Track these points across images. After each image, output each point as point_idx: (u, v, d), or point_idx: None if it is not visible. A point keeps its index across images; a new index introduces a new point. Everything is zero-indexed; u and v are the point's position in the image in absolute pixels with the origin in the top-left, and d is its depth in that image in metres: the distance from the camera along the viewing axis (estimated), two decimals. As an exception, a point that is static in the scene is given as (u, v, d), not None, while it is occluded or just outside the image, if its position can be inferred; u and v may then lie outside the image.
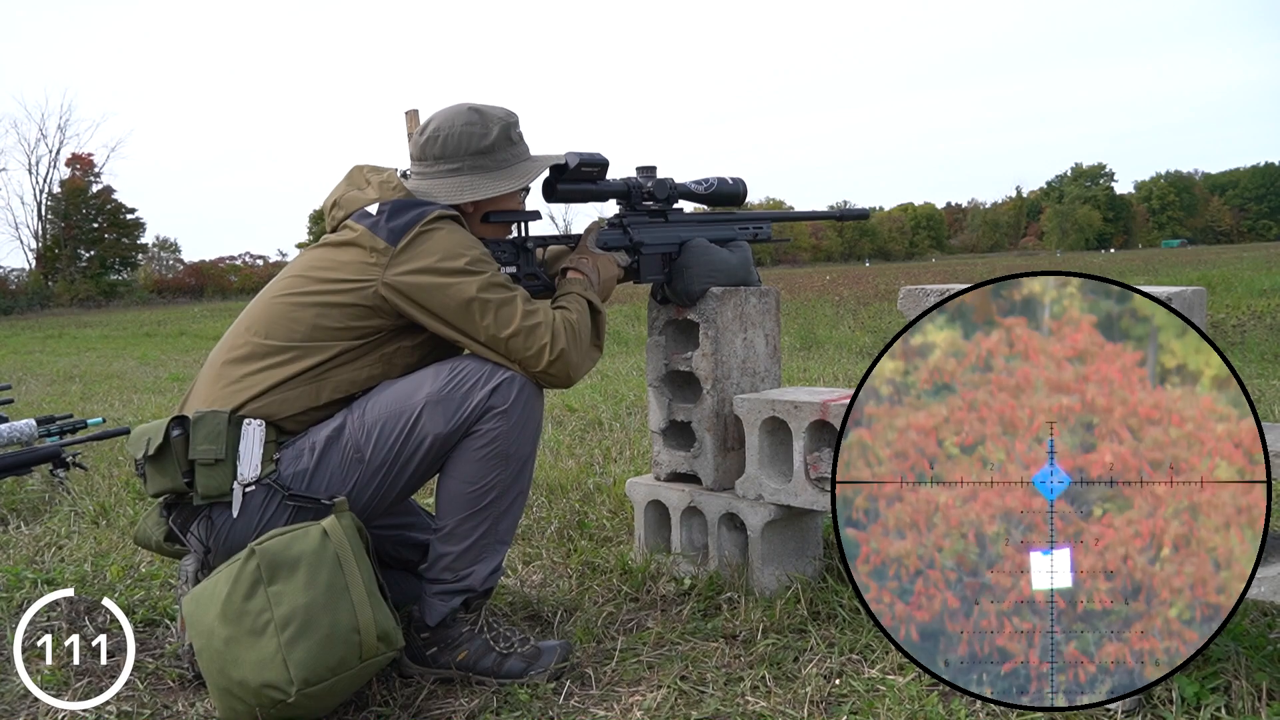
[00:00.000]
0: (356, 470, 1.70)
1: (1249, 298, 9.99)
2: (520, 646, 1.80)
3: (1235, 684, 1.59)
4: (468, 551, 1.75)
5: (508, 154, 1.89)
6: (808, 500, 2.06)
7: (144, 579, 2.41)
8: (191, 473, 1.67)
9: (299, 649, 1.52)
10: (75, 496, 3.31)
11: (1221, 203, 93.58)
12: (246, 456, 1.66)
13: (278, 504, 1.67)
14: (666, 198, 2.16)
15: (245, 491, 1.66)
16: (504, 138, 1.88)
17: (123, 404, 6.29)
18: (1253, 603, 1.87)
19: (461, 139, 1.85)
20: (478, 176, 1.86)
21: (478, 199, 1.86)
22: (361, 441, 1.70)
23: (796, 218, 2.59)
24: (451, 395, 1.71)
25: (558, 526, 2.71)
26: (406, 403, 1.71)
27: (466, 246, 1.76)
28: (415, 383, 1.73)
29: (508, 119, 1.89)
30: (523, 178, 1.90)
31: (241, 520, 1.66)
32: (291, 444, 1.71)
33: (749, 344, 2.28)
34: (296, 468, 1.69)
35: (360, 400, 1.75)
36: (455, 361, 1.76)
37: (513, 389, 1.73)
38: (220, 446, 1.65)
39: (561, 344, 1.76)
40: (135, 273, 52.24)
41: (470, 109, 1.87)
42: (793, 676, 1.76)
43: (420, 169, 1.88)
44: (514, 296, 1.76)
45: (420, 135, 1.88)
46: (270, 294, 1.81)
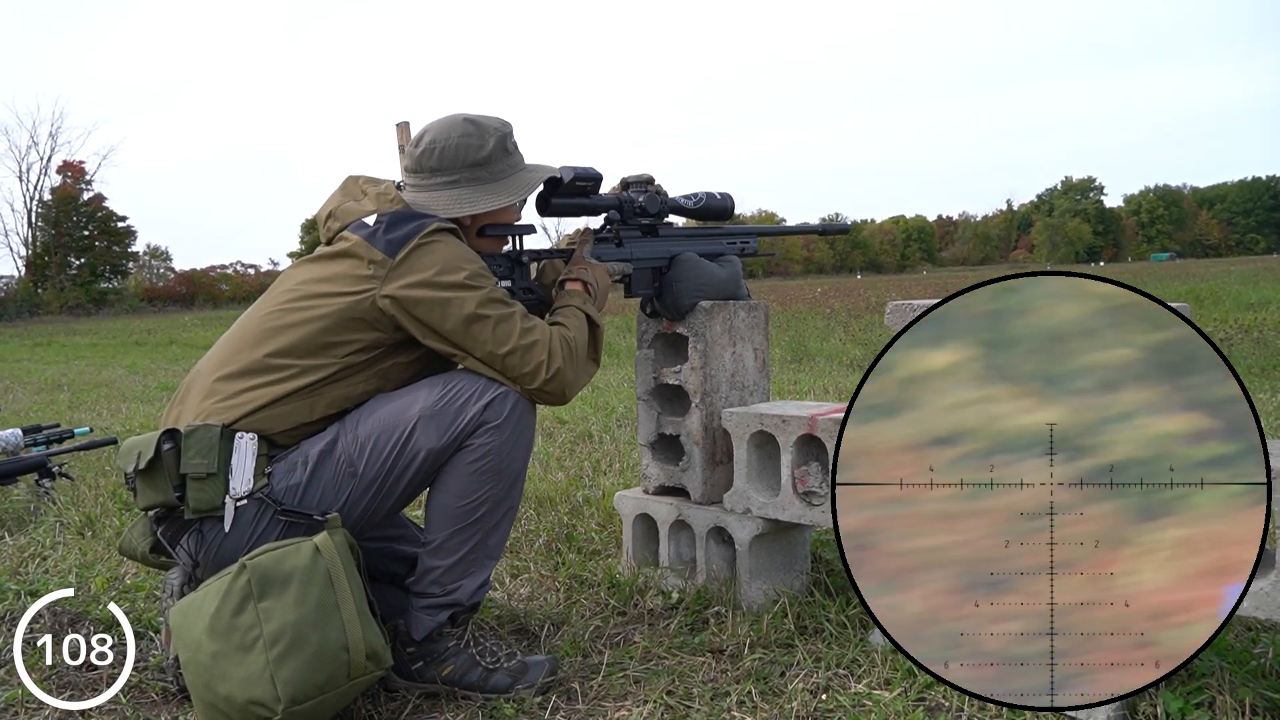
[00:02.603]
0: (349, 484, 1.70)
1: (1237, 311, 10.06)
2: (506, 661, 1.79)
3: (1219, 699, 1.60)
4: (456, 566, 1.75)
5: (504, 165, 1.88)
6: (795, 514, 2.06)
7: (129, 590, 2.39)
8: (183, 486, 1.65)
9: (287, 666, 1.51)
10: (61, 507, 3.29)
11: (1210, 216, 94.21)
12: (239, 470, 1.65)
13: (270, 518, 1.66)
14: (658, 212, 2.17)
15: (237, 506, 1.65)
16: (500, 149, 1.87)
17: (111, 413, 6.26)
18: (1238, 618, 1.87)
19: (458, 151, 1.84)
20: (475, 189, 1.85)
21: (476, 212, 1.85)
22: (354, 456, 1.70)
23: (781, 232, 2.62)
24: (445, 410, 1.70)
25: (546, 539, 2.70)
26: (400, 417, 1.70)
27: (465, 260, 1.75)
28: (409, 398, 1.73)
29: (503, 129, 1.89)
30: (520, 190, 1.90)
31: (233, 535, 1.65)
32: (284, 458, 1.70)
33: (738, 358, 2.28)
34: (289, 482, 1.68)
35: (354, 414, 1.74)
36: (449, 376, 1.76)
37: (506, 404, 1.73)
38: (212, 460, 1.64)
39: (558, 362, 1.75)
40: (126, 281, 52.06)
41: (466, 120, 1.86)
42: (779, 691, 1.76)
43: (416, 181, 1.87)
44: (512, 313, 1.75)
45: (415, 147, 1.87)
46: (265, 307, 1.79)
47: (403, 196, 1.85)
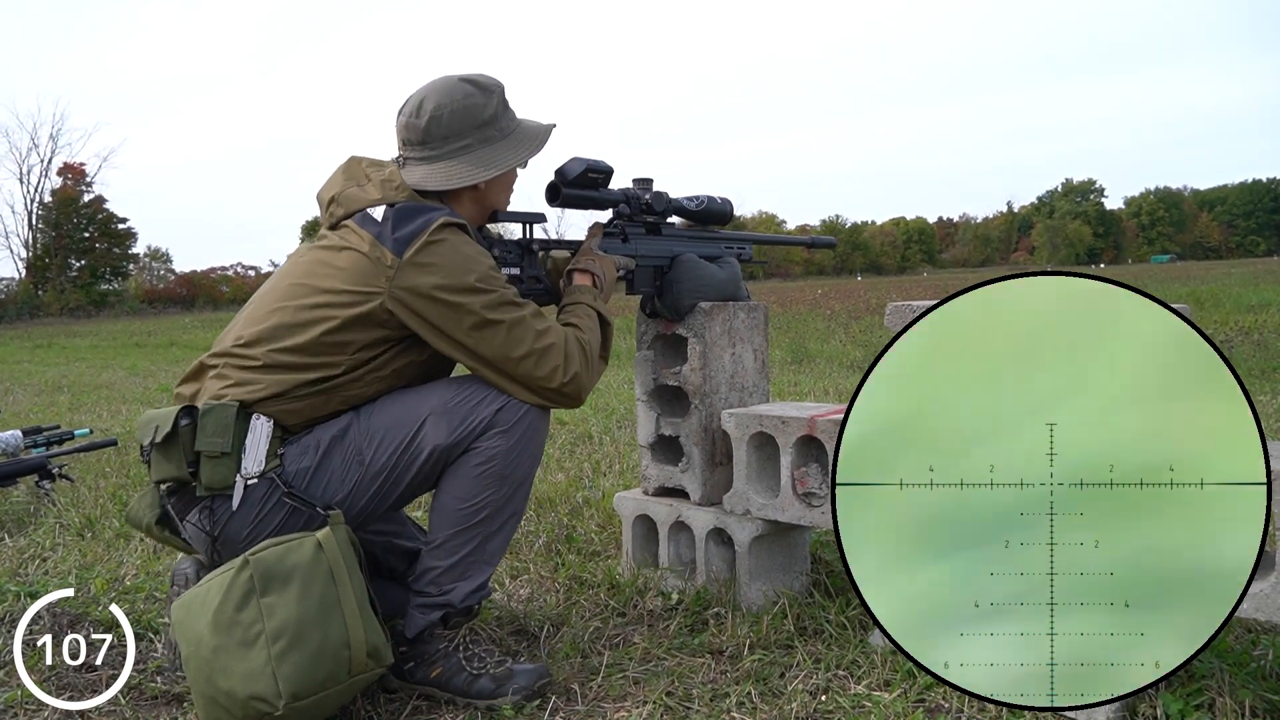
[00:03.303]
0: (356, 473, 1.70)
1: (1237, 313, 10.05)
2: (494, 668, 1.77)
3: (1219, 701, 1.59)
4: (454, 567, 1.75)
5: (507, 121, 1.84)
6: (795, 515, 2.06)
7: (129, 591, 2.39)
8: (197, 463, 1.65)
9: (289, 662, 1.51)
10: (61, 509, 3.29)
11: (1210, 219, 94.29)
12: (252, 450, 1.65)
13: (276, 500, 1.66)
14: (663, 211, 2.17)
15: (247, 485, 1.65)
16: (502, 104, 1.83)
17: (111, 415, 6.26)
18: (1237, 619, 1.87)
19: (466, 113, 1.78)
20: (491, 149, 1.80)
21: (503, 170, 1.80)
22: (364, 445, 1.69)
23: (772, 241, 2.65)
24: (457, 409, 1.70)
25: (546, 540, 2.70)
26: (412, 412, 1.71)
27: (474, 260, 1.70)
28: (424, 394, 1.73)
29: (499, 84, 1.85)
30: (533, 140, 1.84)
31: (240, 513, 1.65)
32: (297, 441, 1.70)
33: (737, 359, 2.28)
34: (300, 465, 1.68)
35: (368, 406, 1.73)
36: (467, 379, 1.76)
37: (519, 409, 1.72)
38: (228, 440, 1.64)
39: (575, 366, 1.74)
40: (126, 282, 52.07)
41: (462, 80, 1.81)
42: (779, 692, 1.76)
43: (425, 153, 1.78)
44: (524, 316, 1.72)
45: (417, 117, 1.78)
46: (273, 298, 1.75)
47: (406, 176, 1.79)
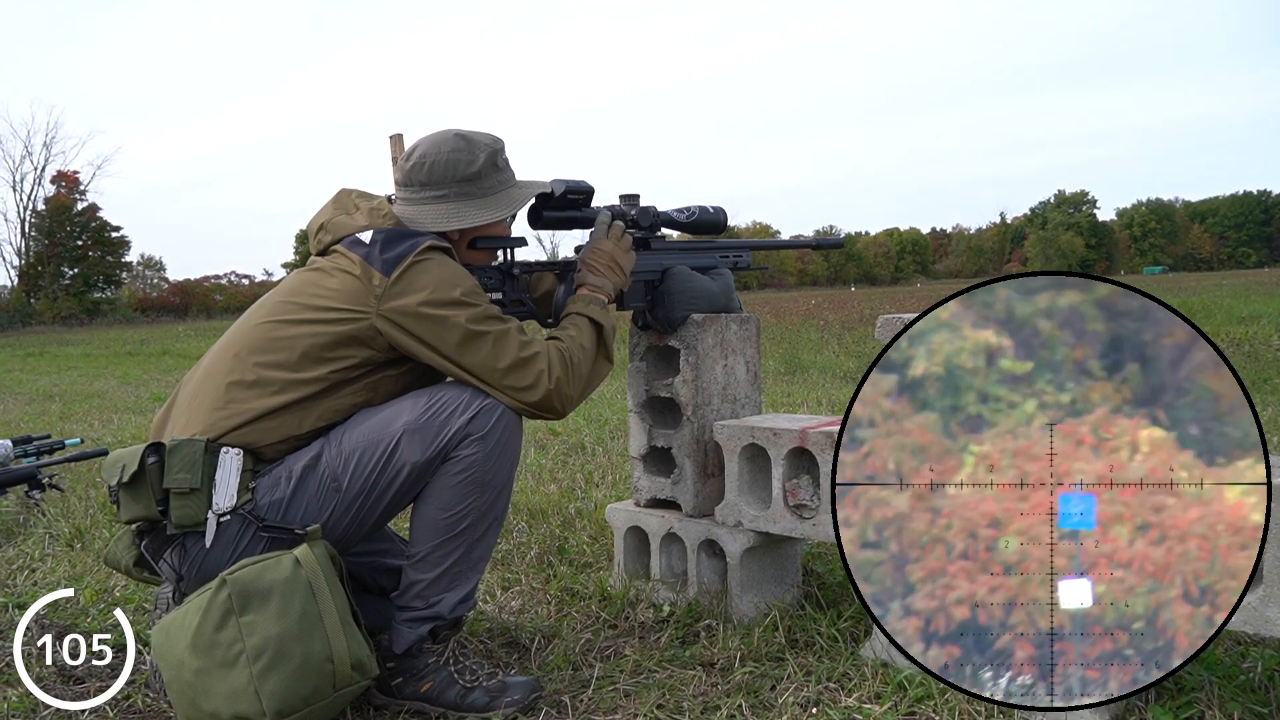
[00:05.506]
0: (333, 499, 1.69)
1: (1228, 325, 10.10)
2: (486, 681, 1.77)
3: (1209, 713, 1.60)
4: (440, 579, 1.74)
5: (494, 181, 1.89)
6: (786, 527, 2.06)
7: (118, 603, 2.38)
8: (166, 500, 1.65)
9: (271, 680, 1.51)
10: (50, 519, 3.28)
11: (1202, 230, 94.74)
12: (222, 486, 1.65)
13: (252, 535, 1.66)
14: (650, 225, 2.17)
15: (220, 521, 1.65)
16: (490, 164, 1.88)
17: (102, 424, 6.23)
18: (1227, 632, 1.88)
19: (448, 166, 1.84)
20: (464, 204, 1.86)
21: (463, 227, 1.86)
22: (339, 471, 1.69)
23: (774, 246, 2.61)
24: (430, 424, 1.70)
25: (538, 552, 2.70)
26: (384, 431, 1.70)
27: (458, 279, 1.75)
28: (394, 411, 1.73)
29: (494, 145, 1.89)
30: (509, 206, 1.90)
31: (215, 550, 1.65)
32: (268, 472, 1.70)
33: (729, 370, 2.29)
34: (272, 497, 1.68)
35: (339, 429, 1.73)
36: (435, 390, 1.76)
37: (491, 416, 1.73)
38: (196, 475, 1.63)
39: (557, 374, 1.76)
40: (119, 291, 51.93)
41: (457, 135, 1.87)
42: (769, 705, 1.75)
43: (406, 195, 1.88)
44: (508, 329, 1.76)
45: (406, 161, 1.87)
46: (257, 319, 1.79)
47: (393, 210, 1.86)
